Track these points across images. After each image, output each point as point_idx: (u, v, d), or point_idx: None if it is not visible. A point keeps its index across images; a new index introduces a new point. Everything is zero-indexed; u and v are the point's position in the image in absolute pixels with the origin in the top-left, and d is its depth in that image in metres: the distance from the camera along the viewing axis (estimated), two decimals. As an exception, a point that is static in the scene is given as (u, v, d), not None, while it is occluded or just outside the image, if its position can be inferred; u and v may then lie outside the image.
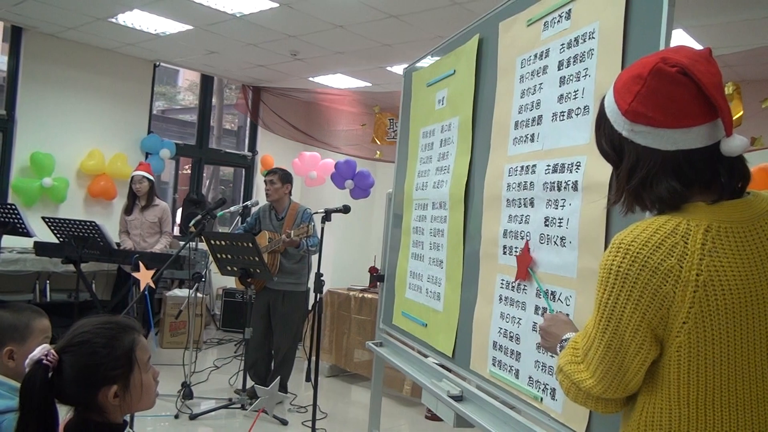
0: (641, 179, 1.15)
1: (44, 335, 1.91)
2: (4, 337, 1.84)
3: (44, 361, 1.33)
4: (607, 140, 1.22)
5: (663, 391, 1.12)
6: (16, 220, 4.94)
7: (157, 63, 7.27)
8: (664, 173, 1.13)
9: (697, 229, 1.08)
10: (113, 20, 5.72)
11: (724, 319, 1.07)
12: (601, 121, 1.23)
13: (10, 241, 5.21)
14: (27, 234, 5.00)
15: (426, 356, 2.69)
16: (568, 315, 1.69)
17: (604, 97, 1.24)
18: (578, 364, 1.21)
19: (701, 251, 1.07)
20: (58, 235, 4.98)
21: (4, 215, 4.95)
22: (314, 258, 4.11)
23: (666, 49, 1.19)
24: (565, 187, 1.76)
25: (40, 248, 5.13)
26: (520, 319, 1.95)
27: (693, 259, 1.06)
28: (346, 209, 3.96)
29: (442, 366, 2.52)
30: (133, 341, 1.44)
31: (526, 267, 1.90)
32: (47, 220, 4.95)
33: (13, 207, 4.97)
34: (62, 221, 4.93)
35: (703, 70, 1.10)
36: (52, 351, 1.36)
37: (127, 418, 1.53)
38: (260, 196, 6.71)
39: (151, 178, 5.67)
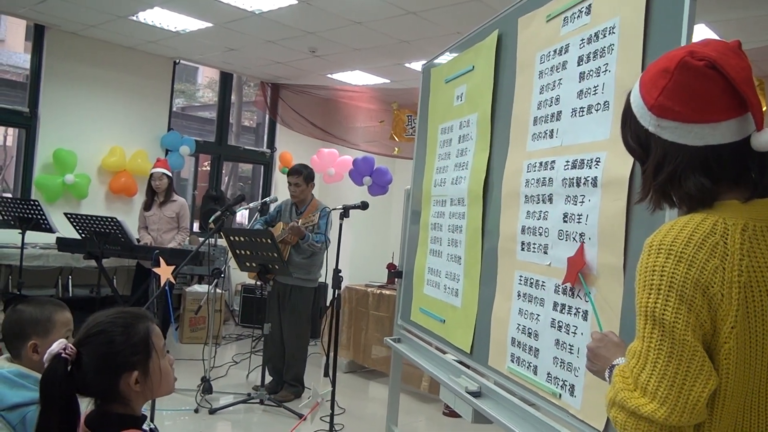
0: (668, 175, 1.12)
1: (66, 328, 1.94)
2: (27, 331, 1.88)
3: (63, 355, 1.36)
4: (633, 136, 1.19)
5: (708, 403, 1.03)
6: (39, 216, 5.01)
7: (177, 60, 7.33)
8: (692, 169, 1.10)
9: (735, 228, 1.04)
10: (134, 18, 5.78)
11: (761, 323, 1.02)
12: (627, 116, 1.21)
13: (33, 236, 5.29)
14: (50, 230, 5.07)
15: (444, 352, 2.69)
16: (578, 309, 1.66)
17: (630, 92, 1.21)
18: (632, 391, 1.04)
19: (740, 251, 1.02)
20: (80, 231, 5.04)
21: (28, 211, 5.03)
22: (332, 254, 4.12)
23: (694, 42, 1.16)
24: (584, 183, 1.75)
25: (63, 244, 5.21)
26: (538, 315, 1.94)
27: (734, 259, 1.02)
28: (364, 206, 3.97)
29: (460, 362, 2.52)
30: (147, 328, 1.47)
31: (576, 271, 1.76)
32: (69, 216, 5.01)
33: (37, 203, 5.04)
34: (84, 217, 4.99)
35: (732, 64, 1.08)
36: (70, 345, 1.38)
37: (147, 412, 1.55)
38: (279, 193, 6.75)
39: (170, 174, 5.72)
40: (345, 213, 3.89)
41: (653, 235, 1.09)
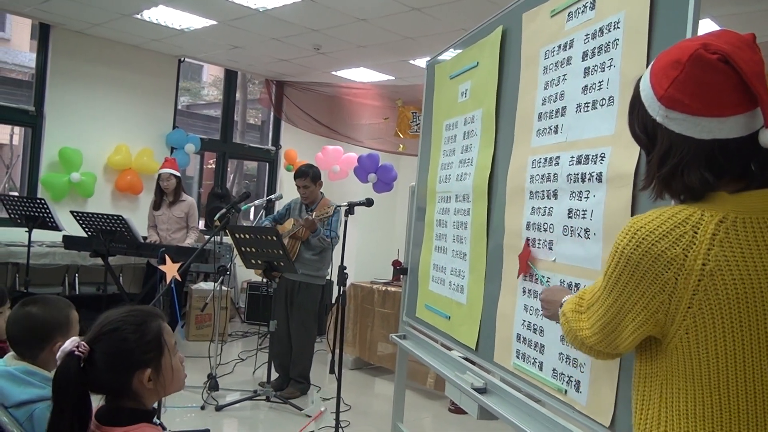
0: (673, 167, 1.13)
1: (78, 325, 1.96)
2: (52, 332, 1.89)
3: (76, 352, 1.37)
4: (640, 125, 1.20)
5: (680, 374, 1.13)
6: (45, 215, 5.04)
7: (182, 58, 7.34)
8: (697, 162, 1.11)
9: (711, 219, 1.08)
10: (138, 16, 5.79)
11: (736, 308, 1.07)
12: (635, 104, 1.21)
13: (40, 235, 5.32)
14: (56, 228, 5.10)
15: (450, 349, 2.69)
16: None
17: (639, 80, 1.21)
18: (581, 313, 1.31)
19: (710, 242, 1.07)
20: (87, 229, 5.06)
21: (34, 210, 5.05)
22: (337, 251, 4.13)
23: (707, 33, 1.16)
24: (589, 179, 1.75)
25: (69, 242, 5.23)
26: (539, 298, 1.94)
27: (700, 249, 1.06)
28: (369, 202, 3.98)
29: (466, 358, 2.52)
30: (159, 326, 1.48)
31: (525, 261, 2.02)
32: (76, 214, 5.03)
33: (43, 201, 5.07)
34: (90, 215, 5.01)
35: (745, 58, 1.07)
36: (83, 342, 1.39)
37: (156, 407, 1.56)
38: (284, 190, 6.75)
39: (178, 174, 5.73)
40: (350, 210, 3.89)
41: (635, 217, 1.17)
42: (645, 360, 1.21)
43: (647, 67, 1.20)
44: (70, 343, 1.38)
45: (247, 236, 4.46)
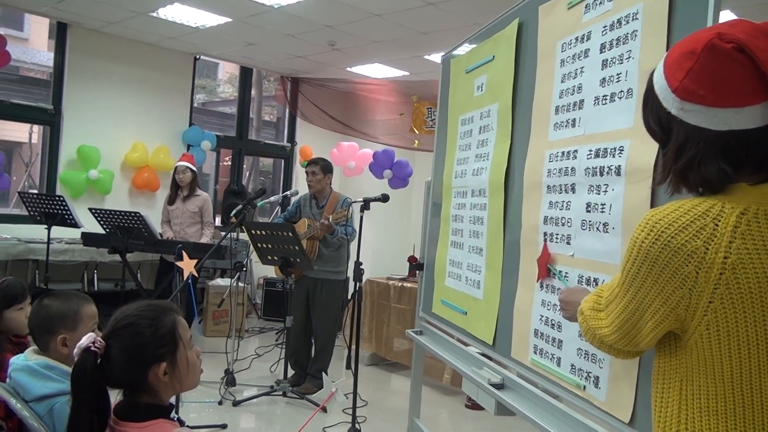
0: (689, 160, 1.11)
1: (93, 321, 1.97)
2: (56, 325, 1.91)
3: (92, 348, 1.38)
4: (655, 118, 1.18)
5: (701, 369, 1.11)
6: (64, 212, 5.09)
7: (198, 56, 7.37)
8: (714, 154, 1.09)
9: (732, 211, 1.06)
10: (154, 14, 5.82)
11: (758, 302, 1.05)
12: (649, 97, 1.19)
13: (59, 232, 5.37)
14: (75, 225, 5.15)
15: (466, 344, 2.68)
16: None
17: (652, 72, 1.19)
18: (599, 311, 1.28)
19: (732, 234, 1.04)
20: (105, 226, 5.11)
21: (54, 207, 5.10)
22: (353, 247, 4.13)
23: (722, 23, 1.14)
24: (607, 172, 1.73)
25: (88, 239, 5.28)
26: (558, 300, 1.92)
27: (722, 241, 1.04)
28: (385, 198, 3.97)
29: (483, 354, 2.51)
30: (174, 320, 1.48)
31: (545, 265, 1.99)
32: (94, 211, 5.08)
33: (62, 199, 5.12)
34: (108, 212, 5.05)
35: (761, 47, 1.05)
36: (99, 338, 1.40)
37: (173, 402, 1.57)
38: (299, 186, 6.77)
39: (194, 168, 5.77)
40: (365, 206, 3.89)
41: (652, 210, 1.14)
42: (664, 356, 1.19)
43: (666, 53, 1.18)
44: (87, 339, 1.39)
45: (263, 232, 4.48)
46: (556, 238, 1.97)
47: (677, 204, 1.11)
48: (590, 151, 1.82)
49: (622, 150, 1.68)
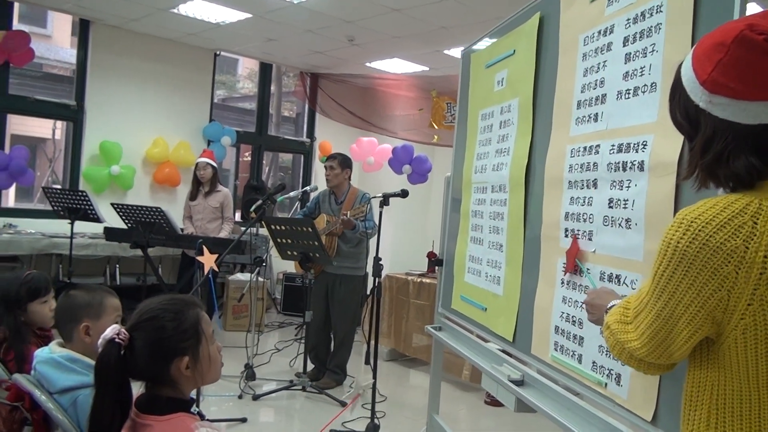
0: (717, 154, 1.09)
1: (116, 313, 2.00)
2: (80, 313, 1.94)
3: (116, 340, 1.39)
4: (682, 111, 1.15)
5: (734, 374, 1.08)
6: (87, 207, 5.15)
7: (218, 52, 7.41)
8: (743, 148, 1.07)
9: None
10: (175, 11, 5.86)
11: None
12: (677, 90, 1.17)
13: (82, 226, 5.43)
14: (97, 220, 5.21)
15: (486, 340, 2.67)
16: (623, 295, 1.65)
17: (680, 65, 1.17)
18: (626, 324, 1.21)
19: None
20: (126, 221, 5.16)
21: (77, 202, 5.16)
22: (372, 242, 4.13)
23: (752, 14, 1.11)
24: (630, 168, 1.71)
25: (110, 233, 5.33)
26: (583, 303, 1.90)
27: (761, 240, 1.01)
28: (404, 193, 3.96)
29: (503, 350, 2.50)
30: (197, 315, 1.49)
31: (573, 258, 1.93)
32: (116, 206, 5.13)
33: (85, 194, 5.18)
34: (130, 207, 5.10)
35: None
36: (123, 330, 1.42)
37: (194, 396, 1.58)
38: (319, 182, 6.78)
39: (215, 164, 5.81)
40: (385, 201, 3.88)
41: (685, 209, 1.10)
42: (695, 358, 1.15)
43: (694, 46, 1.16)
44: (111, 330, 1.40)
45: (283, 227, 4.49)
46: (578, 234, 1.95)
47: (711, 202, 1.08)
48: (613, 146, 1.80)
49: (646, 145, 1.66)
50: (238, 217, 7.41)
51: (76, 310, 1.95)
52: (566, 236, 2.02)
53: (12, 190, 8.18)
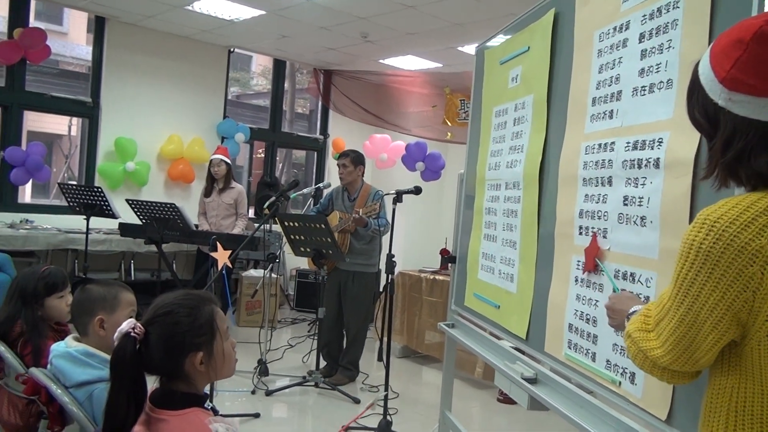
0: (738, 152, 1.07)
1: (131, 308, 2.02)
2: (95, 306, 1.97)
3: (132, 334, 1.40)
4: (701, 110, 1.14)
5: (755, 377, 1.06)
6: (102, 203, 5.19)
7: (232, 49, 7.43)
8: (764, 146, 1.05)
9: None
10: (189, 8, 5.88)
11: None
12: (695, 88, 1.15)
13: (97, 222, 5.48)
14: (113, 216, 5.24)
15: (499, 338, 2.66)
16: (639, 294, 1.64)
17: (698, 63, 1.15)
18: (648, 332, 1.18)
19: None
20: (141, 217, 5.19)
21: (92, 198, 5.20)
22: (385, 239, 4.13)
23: None
24: (646, 165, 1.69)
25: (125, 229, 5.37)
26: (597, 301, 1.90)
27: None
28: (417, 190, 3.95)
29: (516, 348, 2.49)
30: (212, 311, 1.50)
31: (593, 257, 1.88)
32: (131, 202, 5.17)
33: (100, 190, 5.22)
34: (144, 203, 5.13)
35: None
36: (139, 324, 1.43)
37: (207, 391, 1.59)
38: (332, 179, 6.78)
39: (229, 161, 5.83)
40: (398, 198, 3.88)
41: (706, 209, 1.08)
42: (715, 360, 1.14)
43: (711, 43, 1.15)
44: (127, 324, 1.42)
45: (296, 224, 4.51)
46: (592, 232, 1.94)
47: (733, 201, 1.06)
48: (628, 143, 1.79)
49: (661, 142, 1.64)
50: (251, 213, 7.44)
51: (91, 303, 1.97)
52: (580, 234, 2.01)
53: (29, 186, 8.28)
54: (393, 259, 3.85)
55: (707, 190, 1.38)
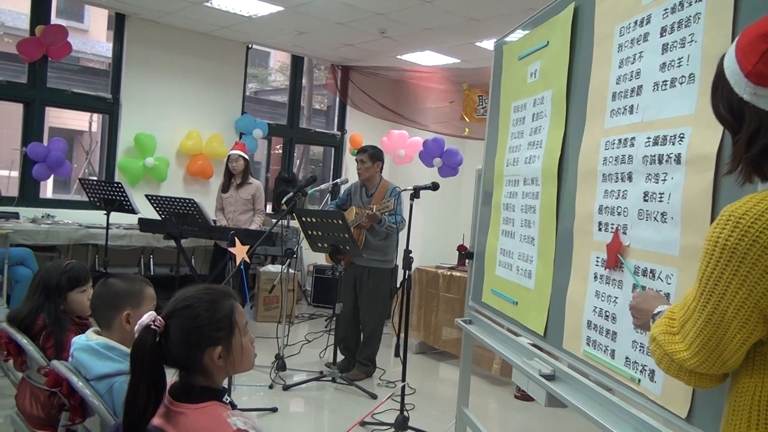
0: (763, 147, 1.06)
1: (153, 302, 2.05)
2: (122, 302, 1.99)
3: (152, 326, 1.42)
4: (725, 104, 1.13)
5: None
6: (122, 198, 5.24)
7: (250, 45, 7.46)
8: None
9: None
10: (208, 4, 5.92)
11: None
12: (719, 83, 1.14)
13: (117, 217, 5.54)
14: (132, 211, 5.30)
15: (516, 335, 2.65)
16: (659, 291, 1.62)
17: (722, 57, 1.14)
18: (673, 335, 1.15)
19: None
20: (160, 212, 5.24)
21: (112, 193, 5.26)
22: (403, 235, 4.13)
23: None
24: (666, 161, 1.68)
25: (144, 224, 5.43)
26: (616, 298, 1.88)
27: None
28: (435, 186, 3.94)
29: (534, 345, 2.48)
30: (232, 306, 1.51)
31: (615, 254, 1.85)
32: (150, 197, 5.21)
33: (120, 185, 5.27)
34: (164, 199, 5.18)
35: None
36: (159, 317, 1.44)
37: (225, 385, 1.60)
38: (349, 174, 6.80)
39: (246, 157, 5.87)
40: (415, 194, 3.87)
41: (730, 205, 1.07)
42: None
43: (732, 42, 1.13)
44: (147, 317, 1.43)
45: (314, 220, 4.52)
46: (612, 228, 1.92)
47: (758, 197, 1.05)
48: (648, 138, 1.77)
49: (683, 137, 1.62)
50: (269, 209, 7.47)
51: (117, 298, 2.00)
52: (600, 230, 1.99)
53: (50, 182, 8.39)
54: (410, 255, 3.84)
55: (729, 185, 1.36)
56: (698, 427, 1.51)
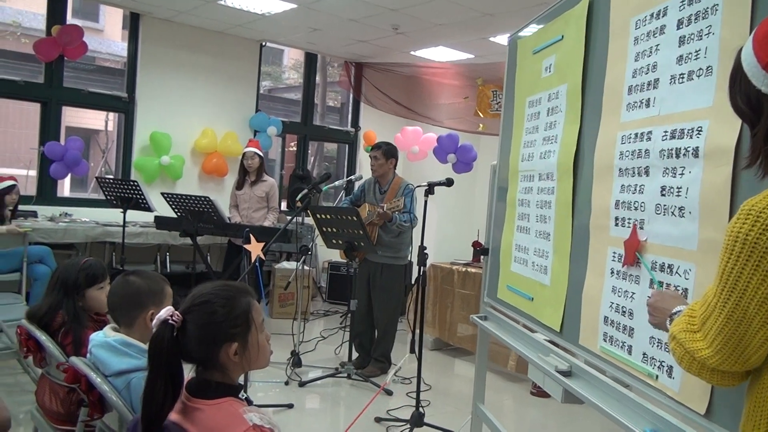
0: None
1: (171, 300, 2.06)
2: (146, 300, 2.02)
3: (170, 321, 1.43)
4: (743, 97, 1.11)
5: None
6: (138, 196, 5.28)
7: (264, 43, 7.48)
8: None
9: None
10: (222, 2, 5.93)
11: None
12: (737, 75, 1.13)
13: (133, 215, 5.58)
14: (148, 209, 5.34)
15: (532, 331, 2.64)
16: (677, 288, 1.60)
17: (740, 49, 1.13)
18: (694, 332, 1.13)
19: None
20: (176, 210, 5.27)
21: (129, 191, 5.30)
22: (417, 231, 4.12)
23: None
24: (684, 154, 1.66)
25: (160, 222, 5.47)
26: (633, 293, 1.87)
27: None
28: (449, 182, 3.93)
29: (550, 341, 2.47)
30: (248, 303, 1.52)
31: (633, 251, 1.83)
32: (166, 195, 5.25)
33: (136, 183, 5.31)
34: (179, 197, 5.21)
35: None
36: (177, 312, 1.45)
37: (241, 382, 1.61)
38: (363, 171, 6.79)
39: (261, 154, 5.88)
40: (430, 190, 3.86)
41: (750, 199, 1.05)
42: None
43: (750, 34, 1.12)
44: (165, 312, 1.44)
45: (328, 216, 4.52)
46: (629, 223, 1.90)
47: None
48: (665, 132, 1.75)
49: (701, 131, 1.60)
50: (284, 206, 7.49)
51: (141, 297, 2.02)
52: (616, 225, 1.98)
53: (67, 180, 8.48)
54: (425, 251, 3.84)
55: (748, 179, 1.34)
56: (717, 424, 1.49)
